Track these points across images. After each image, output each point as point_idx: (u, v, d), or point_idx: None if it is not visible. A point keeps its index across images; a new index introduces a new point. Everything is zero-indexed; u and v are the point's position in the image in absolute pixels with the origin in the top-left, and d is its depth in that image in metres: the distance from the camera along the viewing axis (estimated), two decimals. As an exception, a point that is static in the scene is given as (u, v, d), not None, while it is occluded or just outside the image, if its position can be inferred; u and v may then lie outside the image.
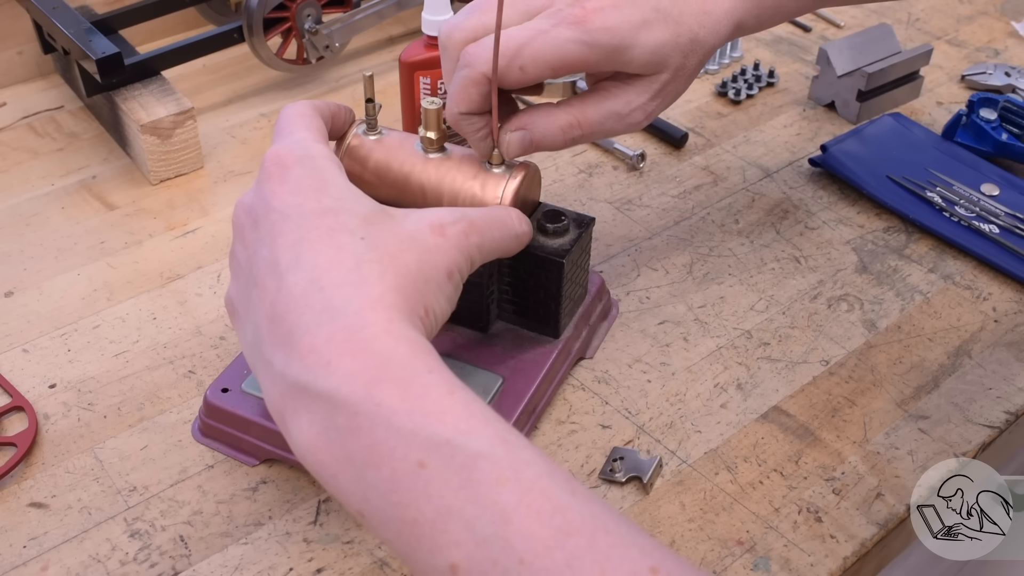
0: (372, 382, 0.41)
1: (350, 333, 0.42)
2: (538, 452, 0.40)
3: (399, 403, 0.40)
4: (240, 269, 0.49)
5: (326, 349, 0.42)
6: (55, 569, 0.54)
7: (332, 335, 0.42)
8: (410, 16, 0.99)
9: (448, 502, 0.38)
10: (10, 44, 0.92)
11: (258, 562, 0.55)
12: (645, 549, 0.37)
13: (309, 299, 0.43)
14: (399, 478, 0.39)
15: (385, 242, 0.46)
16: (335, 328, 0.42)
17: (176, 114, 0.80)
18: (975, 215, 0.77)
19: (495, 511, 0.37)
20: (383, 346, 0.42)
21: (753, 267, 0.75)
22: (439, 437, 0.39)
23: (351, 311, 0.43)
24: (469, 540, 0.37)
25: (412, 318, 0.45)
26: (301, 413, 0.42)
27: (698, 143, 0.87)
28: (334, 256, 0.45)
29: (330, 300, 0.43)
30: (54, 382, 0.65)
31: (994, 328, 0.70)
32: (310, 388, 0.41)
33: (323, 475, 0.41)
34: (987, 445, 0.62)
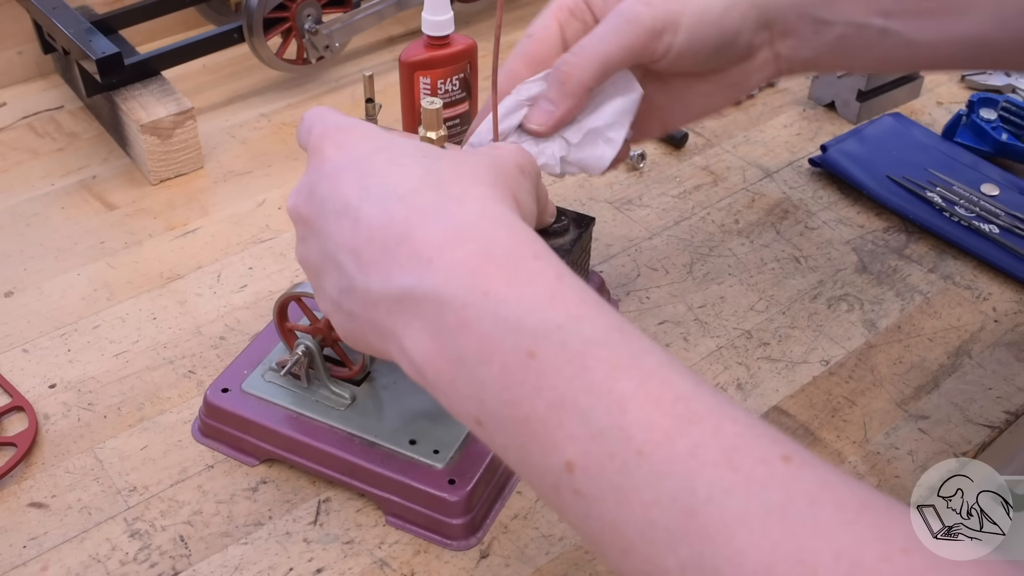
0: (476, 271, 0.38)
1: (446, 226, 0.39)
2: (655, 343, 0.37)
3: (506, 290, 0.37)
4: (309, 226, 0.45)
5: (424, 248, 0.39)
6: (55, 569, 0.54)
7: (427, 234, 0.39)
8: (410, 16, 0.99)
9: (560, 393, 0.35)
10: (10, 44, 0.92)
11: (258, 562, 0.55)
12: (776, 439, 0.34)
13: (392, 214, 0.41)
14: (510, 372, 0.36)
15: (449, 155, 0.45)
16: (428, 227, 0.40)
17: (176, 114, 0.80)
18: (975, 215, 0.77)
19: (611, 400, 0.34)
20: (482, 232, 0.39)
21: (753, 267, 0.75)
22: (549, 323, 0.36)
23: (440, 208, 0.40)
24: (584, 433, 0.34)
25: (507, 202, 0.42)
26: (411, 323, 0.39)
27: (698, 143, 0.87)
28: (403, 173, 0.42)
29: (414, 205, 0.41)
30: (54, 382, 0.65)
31: (994, 328, 0.70)
32: (415, 292, 0.39)
33: (441, 385, 0.39)
34: (987, 445, 0.62)
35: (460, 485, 0.55)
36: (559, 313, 0.37)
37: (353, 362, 0.60)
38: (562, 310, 0.37)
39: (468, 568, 0.55)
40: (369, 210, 0.41)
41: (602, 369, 0.35)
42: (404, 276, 0.39)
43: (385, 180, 0.42)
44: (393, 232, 0.40)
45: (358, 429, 0.58)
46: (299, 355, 0.58)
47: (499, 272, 0.38)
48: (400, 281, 0.39)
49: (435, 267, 0.39)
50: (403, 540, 0.56)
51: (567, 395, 0.35)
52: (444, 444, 0.57)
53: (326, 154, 0.45)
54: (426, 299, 0.38)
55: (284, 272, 0.74)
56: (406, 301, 0.39)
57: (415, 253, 0.39)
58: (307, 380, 0.59)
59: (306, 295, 0.58)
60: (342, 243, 0.42)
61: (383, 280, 0.40)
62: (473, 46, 0.75)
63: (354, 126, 0.47)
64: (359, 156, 0.44)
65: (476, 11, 1.02)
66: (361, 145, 0.45)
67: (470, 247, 0.39)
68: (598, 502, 0.34)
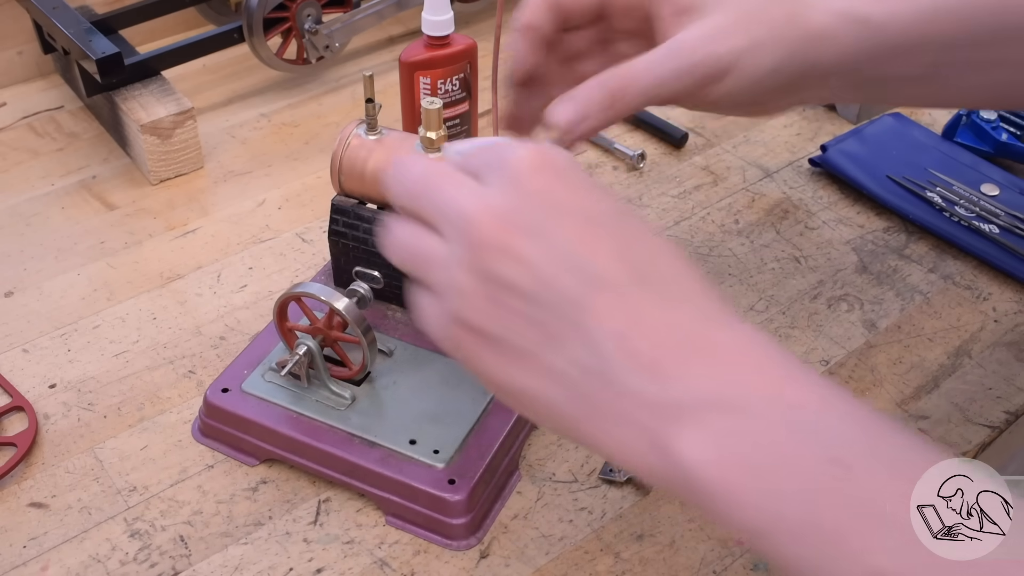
0: (775, 383, 0.38)
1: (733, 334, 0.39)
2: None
3: (803, 401, 0.37)
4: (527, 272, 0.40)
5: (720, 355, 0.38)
6: (55, 569, 0.54)
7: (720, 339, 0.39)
8: (410, 16, 0.99)
9: (872, 503, 0.35)
10: (10, 44, 0.92)
11: (258, 562, 0.55)
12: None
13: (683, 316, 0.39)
14: (815, 481, 0.35)
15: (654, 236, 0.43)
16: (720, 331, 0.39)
17: (176, 114, 0.80)
18: (975, 215, 0.77)
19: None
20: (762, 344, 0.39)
21: (753, 267, 0.75)
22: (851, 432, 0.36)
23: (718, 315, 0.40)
24: (897, 543, 0.34)
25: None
26: (690, 429, 0.37)
27: (698, 143, 0.87)
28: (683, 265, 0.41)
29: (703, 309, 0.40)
30: (54, 382, 0.65)
31: (994, 328, 0.70)
32: (704, 400, 0.37)
33: (718, 493, 0.37)
34: (987, 445, 0.62)
35: (460, 485, 0.55)
36: (857, 423, 0.37)
37: (353, 362, 0.60)
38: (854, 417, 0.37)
39: (468, 568, 0.55)
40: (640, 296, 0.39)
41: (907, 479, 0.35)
42: (697, 379, 0.38)
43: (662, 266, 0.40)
44: (681, 334, 0.38)
45: (358, 429, 0.58)
46: (299, 355, 0.58)
47: (794, 384, 0.38)
48: (690, 383, 0.38)
49: (736, 380, 0.38)
50: (403, 540, 0.56)
51: (878, 503, 0.35)
52: (444, 444, 0.57)
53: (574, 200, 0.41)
54: (718, 408, 0.37)
55: (284, 272, 0.74)
56: (689, 407, 0.38)
57: (714, 355, 0.38)
58: (307, 380, 0.59)
59: (306, 295, 0.58)
60: (604, 325, 0.38)
61: (662, 377, 0.38)
62: (473, 46, 0.75)
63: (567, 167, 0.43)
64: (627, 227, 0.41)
65: (476, 11, 1.02)
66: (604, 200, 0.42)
67: (769, 365, 0.38)
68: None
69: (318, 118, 0.90)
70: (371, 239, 0.63)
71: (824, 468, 0.36)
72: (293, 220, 0.78)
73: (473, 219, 0.40)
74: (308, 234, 0.77)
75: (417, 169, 0.44)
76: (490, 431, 0.58)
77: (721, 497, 0.37)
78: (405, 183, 0.44)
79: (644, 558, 0.55)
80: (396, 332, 0.64)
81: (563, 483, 0.59)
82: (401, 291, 0.65)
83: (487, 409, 0.59)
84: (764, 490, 0.36)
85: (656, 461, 0.38)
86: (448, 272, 0.41)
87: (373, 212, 0.63)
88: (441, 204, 0.42)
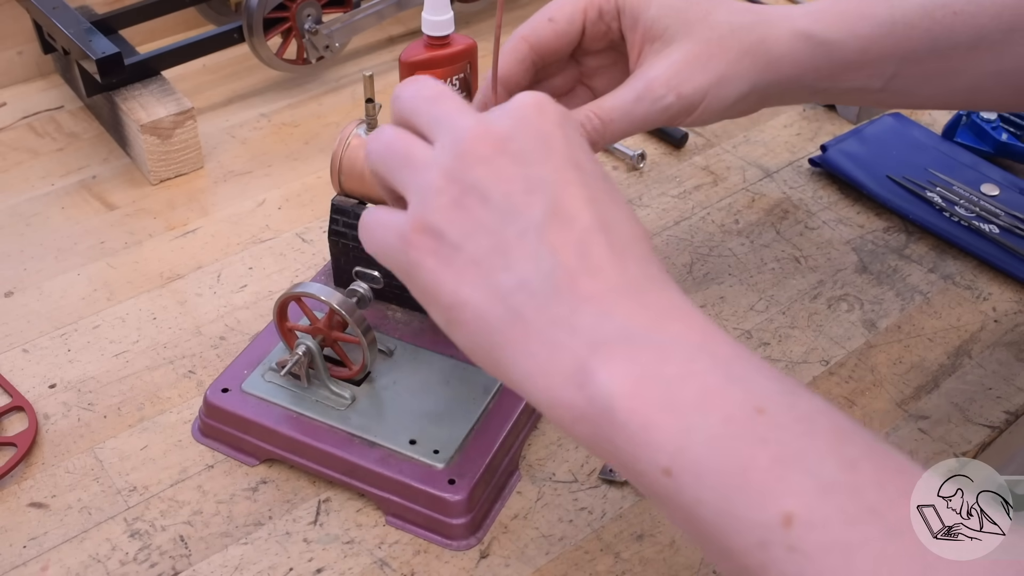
0: (709, 337, 0.39)
1: (673, 293, 0.40)
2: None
3: (731, 353, 0.38)
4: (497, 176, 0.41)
5: (658, 304, 0.40)
6: (55, 569, 0.54)
7: (663, 297, 0.40)
8: (410, 16, 0.99)
9: (787, 448, 0.35)
10: (10, 44, 0.92)
11: (258, 562, 0.55)
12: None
13: (640, 245, 0.41)
14: (732, 423, 0.36)
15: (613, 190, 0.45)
16: (667, 289, 0.40)
17: (176, 114, 0.80)
18: (975, 215, 0.77)
19: (841, 459, 0.35)
20: (703, 315, 0.41)
21: (753, 267, 0.75)
22: (779, 387, 0.37)
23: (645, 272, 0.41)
24: (811, 487, 0.34)
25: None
26: (614, 361, 0.38)
27: (698, 143, 0.87)
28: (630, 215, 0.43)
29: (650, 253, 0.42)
30: (54, 382, 0.65)
31: (994, 328, 0.70)
32: (635, 336, 0.38)
33: (630, 427, 0.37)
34: (987, 445, 0.62)
35: (460, 485, 0.55)
36: (785, 382, 0.38)
37: (353, 362, 0.60)
38: (787, 381, 0.38)
39: (468, 568, 0.55)
40: (605, 237, 0.40)
41: (828, 432, 0.36)
42: (629, 318, 0.39)
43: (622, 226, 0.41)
44: (624, 281, 0.40)
45: (358, 429, 0.58)
46: (299, 355, 0.58)
47: (723, 343, 0.39)
48: (622, 322, 0.39)
49: (662, 324, 0.39)
50: (403, 540, 0.56)
51: (795, 450, 0.35)
52: (444, 444, 0.57)
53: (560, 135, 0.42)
54: (645, 345, 0.38)
55: (284, 272, 0.74)
56: (617, 342, 0.38)
57: (649, 304, 0.39)
58: (307, 380, 0.59)
59: (306, 295, 0.58)
60: (557, 254, 0.40)
61: (599, 312, 0.39)
62: (473, 46, 0.75)
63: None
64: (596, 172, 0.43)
65: (476, 11, 1.02)
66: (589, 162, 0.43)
67: (695, 319, 0.39)
68: (819, 558, 0.34)
69: (318, 118, 0.90)
70: (371, 239, 0.63)
71: (746, 414, 0.36)
72: (293, 220, 0.78)
73: (468, 131, 0.41)
74: (308, 234, 0.77)
75: (429, 84, 0.45)
76: (490, 431, 0.58)
77: (634, 431, 0.37)
78: (411, 93, 0.45)
79: (644, 558, 0.55)
80: (396, 332, 0.64)
81: (563, 483, 0.59)
82: (401, 291, 0.65)
83: (487, 409, 0.59)
84: (679, 428, 0.37)
85: (573, 392, 0.38)
86: (425, 172, 0.42)
87: (373, 212, 0.63)
88: (441, 115, 0.43)
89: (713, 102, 0.55)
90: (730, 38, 0.55)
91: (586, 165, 0.42)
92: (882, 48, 0.57)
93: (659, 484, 0.37)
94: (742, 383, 0.37)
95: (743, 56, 0.55)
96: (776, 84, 0.57)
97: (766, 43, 0.56)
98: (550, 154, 0.41)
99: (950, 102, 0.64)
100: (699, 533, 0.37)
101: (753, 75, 0.56)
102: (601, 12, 0.56)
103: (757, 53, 0.56)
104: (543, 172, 0.41)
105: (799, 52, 0.56)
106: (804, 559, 0.34)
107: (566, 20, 0.56)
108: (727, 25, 0.55)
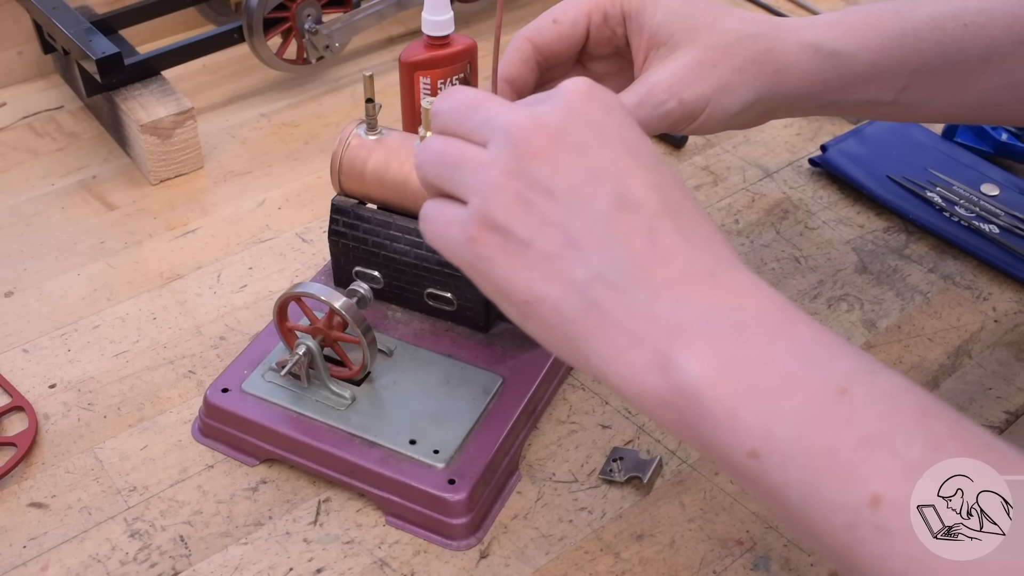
0: (787, 317, 0.39)
1: (747, 273, 0.41)
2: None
3: (812, 335, 0.39)
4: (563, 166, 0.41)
5: (734, 285, 0.40)
6: (55, 569, 0.54)
7: (736, 276, 0.40)
8: (410, 16, 0.99)
9: (872, 428, 0.35)
10: (10, 44, 0.92)
11: (258, 562, 0.55)
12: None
13: (713, 237, 0.41)
14: (815, 405, 0.36)
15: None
16: (738, 269, 0.41)
17: (176, 114, 0.80)
18: (975, 215, 0.77)
19: (926, 439, 0.35)
20: (777, 295, 0.41)
21: (753, 267, 0.74)
22: (859, 366, 0.37)
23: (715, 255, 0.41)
24: (896, 468, 0.34)
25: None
26: (695, 346, 0.38)
27: (698, 143, 0.87)
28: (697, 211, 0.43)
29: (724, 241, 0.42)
30: (54, 382, 0.65)
31: (994, 328, 0.70)
32: (716, 320, 0.39)
33: (716, 412, 0.37)
34: (987, 445, 0.62)
35: (460, 485, 0.55)
36: (865, 359, 0.38)
37: (353, 362, 0.60)
38: (866, 358, 0.38)
39: (468, 568, 0.55)
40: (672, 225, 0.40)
41: (912, 411, 0.36)
42: (706, 303, 0.39)
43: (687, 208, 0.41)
44: (697, 265, 0.40)
45: (358, 429, 0.58)
46: (299, 355, 0.58)
47: (801, 322, 0.39)
48: (699, 307, 0.39)
49: (740, 306, 0.39)
50: (403, 540, 0.56)
51: (880, 430, 0.35)
52: (444, 444, 0.57)
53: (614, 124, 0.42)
54: (726, 329, 0.38)
55: (284, 272, 0.74)
56: (698, 327, 0.39)
57: (723, 287, 0.40)
58: (307, 380, 0.59)
59: (306, 295, 0.58)
60: (630, 243, 0.40)
61: (676, 298, 0.39)
62: (473, 46, 0.75)
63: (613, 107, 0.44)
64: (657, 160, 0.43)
65: (476, 11, 1.02)
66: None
67: (771, 299, 0.40)
68: (905, 537, 0.34)
69: (318, 118, 0.90)
70: (371, 239, 0.63)
71: (829, 394, 0.36)
72: (293, 220, 0.78)
73: (522, 126, 0.41)
74: (308, 234, 0.77)
75: (467, 92, 0.45)
76: (490, 431, 0.58)
77: (720, 416, 0.37)
78: (451, 105, 0.44)
79: (644, 558, 0.55)
80: (396, 332, 0.64)
81: (563, 483, 0.59)
82: (401, 291, 0.65)
83: (487, 409, 0.59)
84: (764, 411, 0.37)
85: (656, 379, 0.39)
86: (484, 171, 0.41)
87: (373, 212, 0.63)
88: (489, 116, 0.42)
89: (716, 110, 0.55)
90: (736, 46, 0.55)
91: (641, 149, 0.42)
92: (892, 60, 0.57)
93: (745, 467, 0.37)
94: (823, 363, 0.38)
95: (749, 64, 0.55)
96: (783, 95, 0.57)
97: (773, 53, 0.55)
98: (606, 141, 0.41)
99: (961, 115, 0.64)
100: (786, 514, 0.37)
101: (759, 85, 0.55)
102: (606, 16, 0.56)
103: (763, 62, 0.55)
104: (602, 160, 0.41)
105: (807, 63, 0.56)
106: (890, 540, 0.34)
107: (570, 22, 0.56)
108: (734, 33, 0.55)
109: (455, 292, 0.62)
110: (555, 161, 0.40)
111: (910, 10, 0.57)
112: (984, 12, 0.57)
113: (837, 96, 0.58)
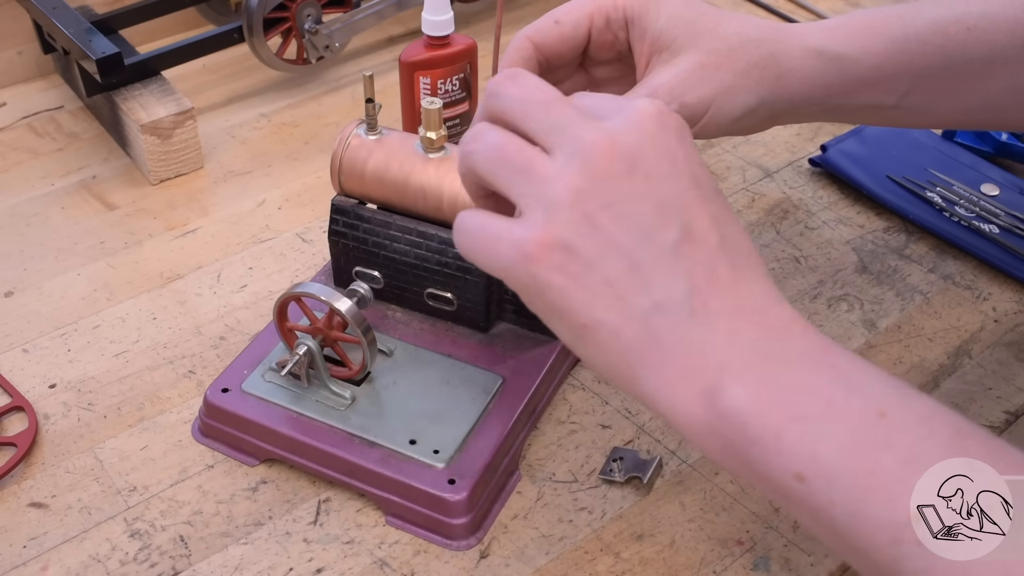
0: (826, 351, 0.40)
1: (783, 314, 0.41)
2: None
3: (849, 366, 0.40)
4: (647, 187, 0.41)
5: (778, 328, 0.41)
6: (55, 569, 0.54)
7: (774, 318, 0.41)
8: (410, 16, 0.99)
9: (911, 450, 0.37)
10: (10, 44, 0.92)
11: (258, 562, 0.55)
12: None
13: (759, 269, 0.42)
14: (857, 430, 0.38)
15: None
16: (771, 311, 0.41)
17: (176, 114, 0.80)
18: (975, 215, 0.77)
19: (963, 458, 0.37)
20: (817, 331, 0.42)
21: (753, 267, 0.75)
22: (894, 391, 0.39)
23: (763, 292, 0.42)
24: (935, 487, 0.36)
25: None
26: (747, 378, 0.39)
27: (698, 143, 0.87)
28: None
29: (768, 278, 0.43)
30: (54, 382, 0.65)
31: (994, 328, 0.70)
32: (762, 352, 0.40)
33: (763, 438, 0.38)
34: (987, 445, 0.62)
35: (460, 485, 0.55)
36: (899, 385, 0.39)
37: (353, 362, 0.60)
38: (900, 384, 0.39)
39: (468, 568, 0.55)
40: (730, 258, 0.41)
41: (947, 432, 0.37)
42: (756, 336, 0.40)
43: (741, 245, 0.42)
44: (746, 301, 0.41)
45: (358, 429, 0.58)
46: (299, 355, 0.58)
47: (840, 354, 0.40)
48: (750, 341, 0.40)
49: (784, 339, 0.40)
50: (403, 540, 0.56)
51: (918, 452, 0.37)
52: (444, 444, 0.57)
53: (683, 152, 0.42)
54: (772, 361, 0.40)
55: (284, 272, 0.74)
56: (747, 358, 0.40)
57: (770, 322, 0.41)
58: (307, 380, 0.59)
59: (306, 295, 0.58)
60: (691, 277, 0.40)
61: (729, 331, 0.40)
62: (473, 46, 0.75)
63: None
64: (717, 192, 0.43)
65: (476, 11, 1.02)
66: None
67: (811, 333, 0.41)
68: (947, 551, 0.35)
69: (318, 118, 0.90)
70: (371, 239, 0.63)
71: (869, 419, 0.38)
72: (293, 220, 0.78)
73: (599, 145, 0.40)
74: (308, 234, 0.77)
75: (538, 86, 0.43)
76: (490, 431, 0.58)
77: (767, 441, 0.38)
78: (519, 94, 0.43)
79: (644, 558, 0.55)
80: (396, 332, 0.64)
81: (563, 483, 0.59)
82: (401, 291, 0.65)
83: (487, 409, 0.59)
84: (810, 436, 0.38)
85: (703, 408, 0.40)
86: (550, 184, 0.40)
87: (373, 212, 0.63)
88: (562, 123, 0.41)
89: (718, 113, 0.55)
90: (739, 50, 0.55)
91: (704, 180, 0.42)
92: (895, 64, 0.57)
93: (791, 489, 0.38)
94: (862, 390, 0.39)
95: (752, 68, 0.55)
96: (786, 100, 0.56)
97: (776, 57, 0.55)
98: (676, 171, 0.41)
99: (965, 120, 0.64)
100: (832, 533, 0.38)
101: (761, 89, 0.55)
102: (608, 20, 0.56)
103: (766, 67, 0.55)
104: (672, 191, 0.41)
105: (810, 68, 0.56)
106: (933, 554, 0.35)
107: (572, 24, 0.55)
108: (737, 37, 0.55)
109: (455, 292, 0.62)
110: (627, 186, 0.40)
111: (913, 14, 0.57)
112: (987, 16, 0.57)
113: (840, 101, 0.58)
